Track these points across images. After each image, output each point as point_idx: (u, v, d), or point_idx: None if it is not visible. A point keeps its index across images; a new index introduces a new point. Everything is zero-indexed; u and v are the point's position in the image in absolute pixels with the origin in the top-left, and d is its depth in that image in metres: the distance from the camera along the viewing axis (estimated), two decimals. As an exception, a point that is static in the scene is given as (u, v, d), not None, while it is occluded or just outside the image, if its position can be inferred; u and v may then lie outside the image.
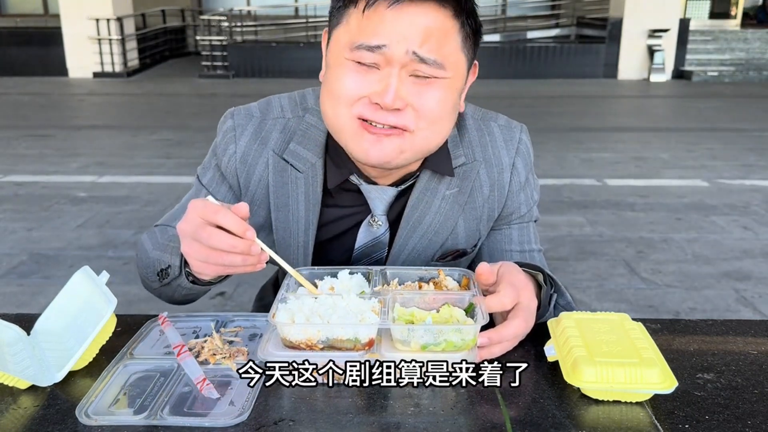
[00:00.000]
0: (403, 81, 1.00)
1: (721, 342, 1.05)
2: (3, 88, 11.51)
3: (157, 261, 1.11)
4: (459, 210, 1.20)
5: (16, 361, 0.93)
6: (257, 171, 1.18)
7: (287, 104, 1.21)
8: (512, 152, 1.21)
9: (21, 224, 4.53)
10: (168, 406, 0.85)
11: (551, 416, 0.84)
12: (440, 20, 0.99)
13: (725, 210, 4.93)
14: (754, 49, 13.70)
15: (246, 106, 1.22)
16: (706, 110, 9.57)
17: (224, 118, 1.21)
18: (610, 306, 3.31)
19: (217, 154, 1.21)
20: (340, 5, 1.03)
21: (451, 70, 1.03)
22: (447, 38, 1.00)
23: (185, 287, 1.07)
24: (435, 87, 1.02)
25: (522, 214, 1.26)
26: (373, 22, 0.98)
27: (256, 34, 14.51)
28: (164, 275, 1.09)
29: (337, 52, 1.04)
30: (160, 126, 8.14)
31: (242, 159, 1.18)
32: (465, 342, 0.89)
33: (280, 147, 1.18)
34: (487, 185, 1.21)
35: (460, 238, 1.22)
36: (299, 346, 0.91)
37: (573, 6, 15.17)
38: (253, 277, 3.55)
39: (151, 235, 1.21)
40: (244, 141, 1.18)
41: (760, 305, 3.38)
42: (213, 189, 1.21)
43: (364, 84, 1.01)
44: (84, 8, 12.64)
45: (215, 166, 1.22)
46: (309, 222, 1.18)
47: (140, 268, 1.21)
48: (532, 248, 1.28)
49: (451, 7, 1.00)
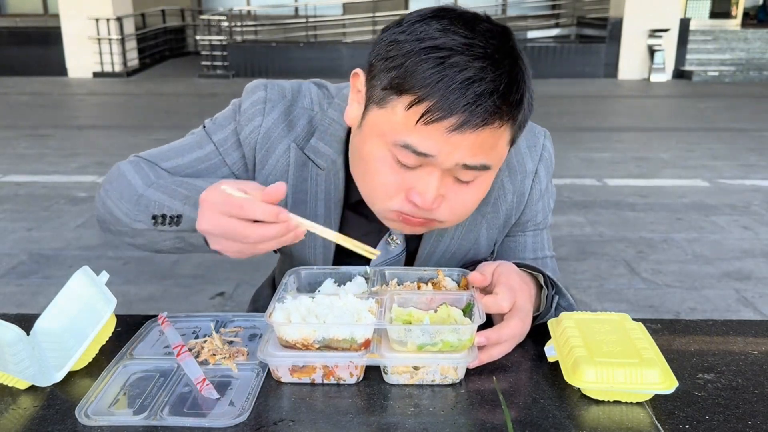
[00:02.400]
0: (445, 179, 0.95)
1: (722, 342, 1.04)
2: (3, 88, 11.51)
3: (155, 203, 1.00)
4: (482, 220, 1.17)
5: (16, 361, 0.93)
6: (276, 152, 1.12)
7: (315, 96, 1.15)
8: (536, 159, 1.18)
9: (21, 224, 4.53)
10: (168, 407, 0.84)
11: (551, 416, 0.84)
12: (496, 131, 0.91)
13: (726, 210, 4.93)
14: (755, 48, 13.70)
15: (279, 83, 1.15)
16: (707, 110, 9.57)
17: (255, 87, 1.14)
18: (610, 306, 3.31)
19: (239, 120, 1.13)
20: (385, 86, 0.91)
21: (496, 165, 0.97)
22: (499, 141, 0.93)
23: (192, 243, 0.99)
24: (474, 185, 0.98)
25: (538, 222, 1.23)
26: (426, 133, 0.89)
27: (256, 34, 14.50)
28: (166, 222, 0.98)
29: (375, 132, 0.95)
30: (160, 126, 8.14)
31: (266, 135, 1.11)
32: (462, 342, 0.89)
33: (302, 140, 1.12)
34: (511, 192, 1.17)
35: (482, 248, 1.20)
36: (295, 345, 0.90)
37: (573, 6, 15.16)
38: (253, 278, 3.56)
39: (137, 169, 1.09)
40: (272, 118, 1.12)
41: (760, 305, 3.38)
42: (223, 150, 1.13)
43: (404, 181, 0.95)
44: (84, 8, 12.64)
45: (233, 131, 1.14)
46: (330, 221, 1.14)
47: (111, 199, 1.07)
48: (545, 254, 1.26)
49: (509, 119, 0.92)
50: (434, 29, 0.89)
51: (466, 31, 0.89)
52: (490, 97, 0.87)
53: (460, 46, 0.87)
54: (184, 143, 1.16)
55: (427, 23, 0.90)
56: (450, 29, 0.89)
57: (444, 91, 0.86)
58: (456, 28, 0.89)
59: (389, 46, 0.92)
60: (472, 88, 0.86)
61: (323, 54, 13.15)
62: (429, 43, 0.88)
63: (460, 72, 0.86)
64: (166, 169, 1.12)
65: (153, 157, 1.14)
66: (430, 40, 0.88)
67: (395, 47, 0.91)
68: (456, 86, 0.86)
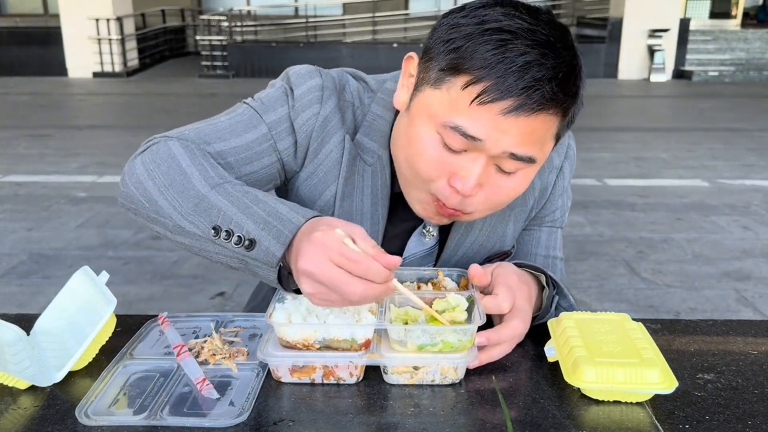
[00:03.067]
0: (488, 167, 0.93)
1: (722, 342, 1.04)
2: (3, 88, 11.51)
3: (222, 214, 0.89)
4: (510, 213, 1.17)
5: (16, 361, 0.93)
6: (331, 143, 1.08)
7: (354, 89, 1.11)
8: (562, 155, 1.19)
9: (21, 224, 4.53)
10: (168, 407, 0.84)
11: (551, 416, 0.84)
12: (547, 121, 0.90)
13: (725, 210, 4.93)
14: (755, 49, 13.71)
15: (327, 72, 1.11)
16: (707, 110, 9.57)
17: (309, 73, 1.08)
18: (610, 306, 3.31)
19: (292, 104, 1.06)
20: (443, 67, 0.90)
21: (541, 158, 0.95)
22: (547, 134, 0.92)
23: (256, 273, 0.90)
24: (515, 178, 0.96)
25: (555, 219, 1.24)
26: (478, 115, 0.88)
27: (256, 34, 14.51)
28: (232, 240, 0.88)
29: (425, 113, 0.94)
30: (160, 126, 8.10)
31: (323, 124, 1.07)
32: (462, 342, 0.89)
33: (353, 131, 1.10)
34: (538, 187, 1.18)
35: (508, 240, 1.20)
36: (296, 346, 0.90)
37: (573, 6, 15.17)
38: (253, 278, 3.55)
39: (191, 156, 0.96)
40: (330, 106, 1.07)
41: (760, 305, 3.38)
42: (275, 134, 1.06)
43: (447, 165, 0.93)
44: (84, 8, 12.65)
45: (286, 115, 1.07)
46: (377, 216, 1.11)
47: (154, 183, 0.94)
48: (556, 255, 1.26)
49: (562, 109, 0.91)
50: (498, 13, 0.89)
51: (530, 17, 0.88)
52: (548, 84, 0.86)
53: (523, 30, 0.87)
54: (234, 121, 1.05)
55: (491, 8, 0.90)
56: (513, 14, 0.88)
57: (503, 73, 0.85)
58: (520, 14, 0.89)
59: (450, 30, 0.91)
60: (531, 72, 0.85)
61: (323, 54, 13.14)
62: (491, 25, 0.87)
63: (521, 56, 0.85)
64: (217, 151, 1.02)
65: (200, 136, 1.02)
66: (493, 22, 0.88)
67: (456, 30, 0.90)
68: (515, 69, 0.85)
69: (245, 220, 0.88)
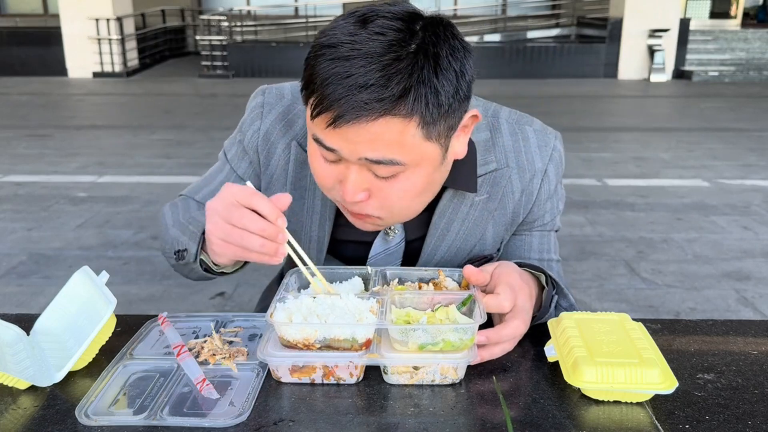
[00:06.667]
0: (363, 174, 0.95)
1: (722, 342, 1.04)
2: (3, 88, 11.51)
3: (175, 240, 1.11)
4: (488, 216, 1.17)
5: (16, 361, 0.93)
6: (277, 151, 1.18)
7: None
8: (545, 159, 1.18)
9: (21, 224, 4.53)
10: (168, 407, 0.85)
11: (551, 416, 0.84)
12: (390, 125, 0.88)
13: (725, 210, 4.93)
14: (755, 49, 13.70)
15: (279, 86, 1.21)
16: (707, 110, 9.57)
17: (255, 95, 1.21)
18: (610, 306, 3.32)
19: (242, 129, 1.21)
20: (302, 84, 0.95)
21: (415, 161, 0.94)
22: (403, 137, 0.90)
23: (198, 272, 1.09)
24: (398, 181, 0.95)
25: (545, 222, 1.23)
26: (320, 127, 0.91)
27: (256, 34, 14.51)
28: (180, 256, 1.09)
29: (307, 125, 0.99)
30: (160, 126, 8.14)
31: (265, 136, 1.18)
32: (463, 342, 0.89)
33: (302, 137, 1.16)
34: (519, 190, 1.17)
35: (488, 244, 1.20)
36: (296, 345, 0.90)
37: (573, 6, 15.16)
38: (253, 278, 3.56)
39: (173, 209, 1.21)
40: (270, 119, 1.18)
41: (760, 305, 3.38)
42: (235, 164, 1.22)
43: (331, 173, 0.98)
44: (84, 8, 12.64)
45: (239, 142, 1.21)
46: (325, 217, 1.17)
47: (161, 240, 1.22)
48: (551, 257, 1.25)
49: (400, 114, 0.88)
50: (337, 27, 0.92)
51: (357, 27, 0.90)
52: (359, 92, 0.86)
53: (343, 42, 0.89)
54: (212, 170, 1.26)
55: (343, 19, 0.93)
56: (343, 25, 0.91)
57: (327, 85, 0.88)
58: (349, 24, 0.91)
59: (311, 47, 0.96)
60: (345, 82, 0.87)
61: (323, 54, 13.11)
62: (324, 40, 0.91)
63: (339, 67, 0.88)
64: (199, 200, 1.23)
65: (190, 191, 1.26)
66: (326, 37, 0.91)
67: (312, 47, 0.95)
68: (333, 80, 0.88)
69: (184, 238, 1.08)
